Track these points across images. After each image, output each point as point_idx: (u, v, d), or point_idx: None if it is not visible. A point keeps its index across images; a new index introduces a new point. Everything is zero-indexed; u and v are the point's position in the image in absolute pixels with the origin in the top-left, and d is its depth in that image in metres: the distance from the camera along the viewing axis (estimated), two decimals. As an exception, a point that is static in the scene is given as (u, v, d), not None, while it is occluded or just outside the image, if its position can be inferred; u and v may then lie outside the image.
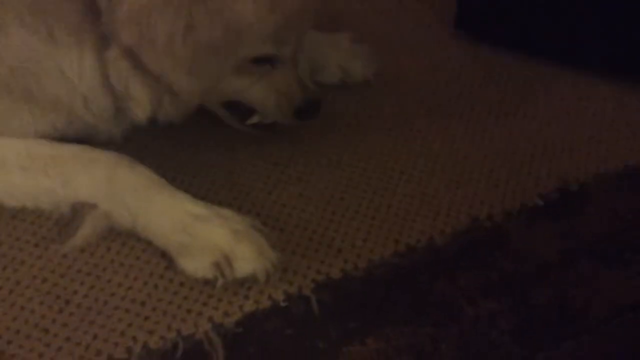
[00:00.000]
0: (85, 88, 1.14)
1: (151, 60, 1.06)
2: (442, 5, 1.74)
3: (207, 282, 1.07)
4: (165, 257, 1.10)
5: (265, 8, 1.06)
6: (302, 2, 1.12)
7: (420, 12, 1.76)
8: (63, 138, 1.19)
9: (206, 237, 1.07)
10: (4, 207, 1.16)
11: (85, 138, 1.21)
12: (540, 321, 1.08)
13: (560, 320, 1.08)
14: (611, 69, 1.55)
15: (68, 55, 1.10)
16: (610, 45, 1.50)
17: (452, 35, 1.67)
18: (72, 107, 1.16)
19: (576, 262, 1.17)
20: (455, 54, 1.63)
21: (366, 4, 1.77)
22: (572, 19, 1.51)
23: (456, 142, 1.39)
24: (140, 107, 1.15)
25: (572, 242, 1.21)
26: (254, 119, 1.30)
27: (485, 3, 1.60)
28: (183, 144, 1.33)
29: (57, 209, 1.14)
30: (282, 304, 1.07)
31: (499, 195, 1.28)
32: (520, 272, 1.15)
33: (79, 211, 1.12)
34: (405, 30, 1.70)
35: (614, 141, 1.41)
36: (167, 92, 1.14)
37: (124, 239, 1.13)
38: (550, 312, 1.10)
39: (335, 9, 1.71)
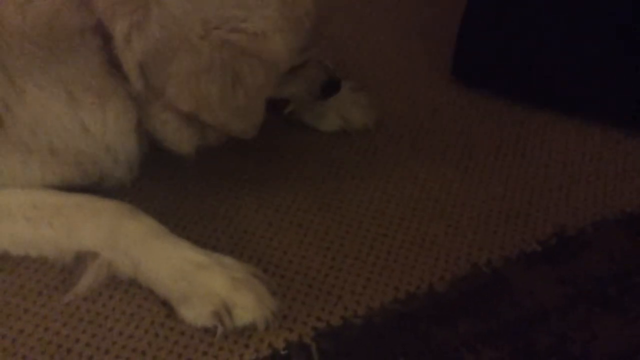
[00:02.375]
0: (110, 137, 1.17)
1: (210, 118, 1.13)
2: (439, 52, 1.78)
3: (207, 331, 1.08)
4: (166, 305, 1.11)
5: (292, 36, 1.12)
6: (316, 16, 1.18)
7: (418, 60, 1.80)
8: (68, 187, 1.21)
9: (206, 285, 1.08)
10: (8, 256, 1.18)
11: (93, 186, 1.23)
12: (540, 368, 1.08)
13: (560, 366, 1.08)
14: (605, 116, 1.57)
15: (90, 111, 1.13)
16: (605, 93, 1.53)
17: (449, 81, 1.70)
18: (95, 157, 1.18)
19: (575, 307, 1.18)
20: (452, 100, 1.66)
21: (364, 53, 1.82)
22: (566, 67, 1.55)
23: (454, 188, 1.41)
24: (187, 146, 1.21)
25: (571, 287, 1.21)
26: (290, 107, 1.40)
27: (481, 51, 1.64)
28: (186, 191, 1.35)
29: (60, 258, 1.16)
30: (283, 352, 1.07)
31: (497, 241, 1.29)
32: (519, 318, 1.16)
33: (82, 260, 1.14)
34: (403, 78, 1.73)
35: (610, 187, 1.43)
36: (212, 130, 1.20)
37: (126, 287, 1.14)
38: (551, 358, 1.10)
39: (334, 58, 1.76)
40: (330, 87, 1.39)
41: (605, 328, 1.14)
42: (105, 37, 1.08)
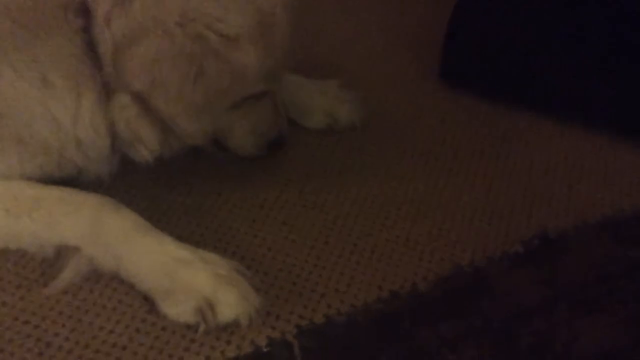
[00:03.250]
0: (81, 131, 1.15)
1: (162, 104, 1.10)
2: (426, 54, 1.78)
3: (189, 327, 1.07)
4: (148, 301, 1.10)
5: (264, 53, 1.12)
6: (290, 43, 1.18)
7: (405, 61, 1.80)
8: (48, 179, 1.20)
9: (189, 281, 1.07)
10: (-13, 248, 1.16)
11: (72, 179, 1.22)
12: (521, 368, 1.09)
13: (541, 366, 1.09)
14: (589, 121, 1.59)
15: (62, 100, 1.12)
16: (589, 98, 1.55)
17: (436, 84, 1.71)
18: (63, 151, 1.16)
19: (556, 308, 1.19)
20: (439, 103, 1.67)
21: (353, 53, 1.82)
22: (551, 71, 1.56)
23: (439, 188, 1.42)
24: (149, 149, 1.19)
25: (552, 289, 1.22)
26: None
27: (468, 54, 1.65)
28: (169, 186, 1.34)
29: (40, 251, 1.14)
30: (265, 349, 1.06)
31: (480, 242, 1.30)
32: (501, 317, 1.17)
33: (62, 254, 1.12)
34: (390, 78, 1.74)
35: (592, 191, 1.44)
36: (171, 132, 1.17)
37: (106, 281, 1.13)
38: (532, 357, 1.11)
39: (322, 58, 1.76)
40: (276, 142, 1.33)
41: (586, 329, 1.15)
42: (87, 17, 1.07)
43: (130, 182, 1.32)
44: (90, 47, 1.09)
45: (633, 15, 1.47)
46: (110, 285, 1.12)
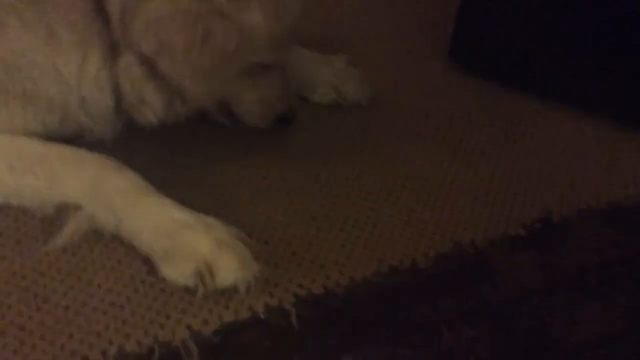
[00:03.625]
0: (85, 89, 1.14)
1: (168, 67, 1.09)
2: (437, 35, 1.77)
3: (188, 290, 1.06)
4: (148, 262, 1.10)
5: (273, 18, 1.11)
6: (300, 11, 1.17)
7: (415, 41, 1.79)
8: (52, 136, 1.19)
9: (190, 244, 1.07)
10: (-13, 204, 1.15)
11: (75, 138, 1.21)
12: (518, 348, 1.08)
13: (538, 348, 1.09)
14: (598, 108, 1.58)
15: (68, 55, 1.11)
16: (599, 85, 1.54)
17: (445, 64, 1.70)
18: (67, 108, 1.16)
19: (556, 292, 1.18)
20: (447, 84, 1.66)
21: (362, 30, 1.80)
22: (563, 56, 1.55)
23: (443, 168, 1.41)
24: (153, 111, 1.18)
25: (552, 272, 1.22)
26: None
27: (479, 36, 1.63)
28: (173, 152, 1.34)
29: (41, 208, 1.14)
30: (262, 316, 1.06)
31: (482, 222, 1.29)
32: (500, 299, 1.16)
33: (63, 211, 1.12)
34: (399, 58, 1.73)
35: (597, 177, 1.43)
36: (178, 95, 1.16)
37: (107, 241, 1.12)
38: (529, 339, 1.10)
39: (331, 35, 1.75)
40: (284, 118, 1.34)
41: (585, 314, 1.15)
42: None
43: (133, 146, 1.30)
44: (100, 4, 1.08)
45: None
46: (110, 245, 1.12)
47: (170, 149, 1.34)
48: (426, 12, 1.90)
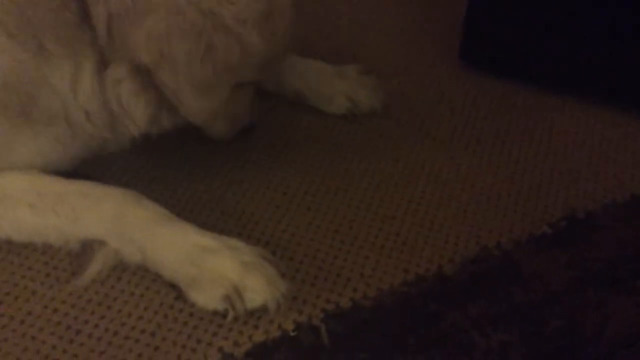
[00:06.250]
0: (83, 100, 1.13)
1: (168, 79, 1.08)
2: (447, 36, 1.76)
3: (217, 313, 1.07)
4: (175, 287, 1.11)
5: (267, 41, 1.10)
6: (290, 37, 1.17)
7: (425, 44, 1.78)
8: (76, 158, 1.20)
9: (215, 269, 1.07)
10: (12, 243, 1.17)
11: (96, 152, 1.22)
12: (552, 350, 1.08)
13: (572, 348, 1.08)
14: (616, 99, 1.56)
15: (59, 67, 1.09)
16: (616, 76, 1.52)
17: (457, 66, 1.69)
18: (69, 119, 1.15)
19: (585, 290, 1.17)
20: (460, 85, 1.65)
21: (370, 38, 1.80)
22: (575, 50, 1.53)
23: (462, 171, 1.40)
24: (137, 125, 1.16)
25: (580, 270, 1.21)
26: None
27: (489, 35, 1.62)
28: (191, 176, 1.34)
29: (66, 245, 1.15)
30: (292, 334, 1.07)
31: (506, 224, 1.29)
32: (529, 301, 1.15)
33: (88, 247, 1.13)
34: (410, 62, 1.72)
35: (620, 170, 1.42)
36: (166, 109, 1.15)
37: (134, 269, 1.13)
38: (562, 340, 1.09)
39: (340, 43, 1.75)
40: (245, 131, 1.35)
41: (616, 310, 1.14)
42: None
43: (152, 174, 1.32)
44: (86, 17, 1.07)
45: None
46: (137, 273, 1.13)
47: (188, 173, 1.35)
48: (435, 15, 1.88)
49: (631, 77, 1.51)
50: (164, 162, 1.35)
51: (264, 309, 1.07)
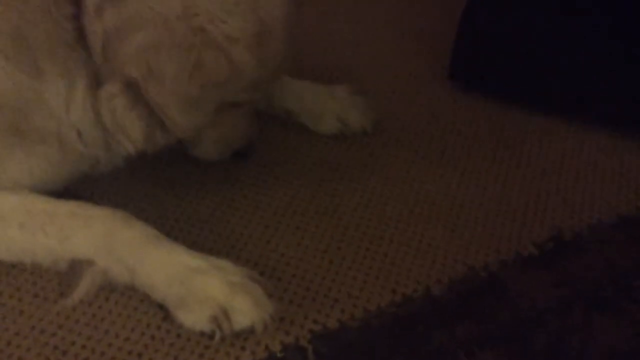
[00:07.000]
0: (77, 119, 1.14)
1: (155, 94, 1.08)
2: (437, 55, 1.78)
3: (204, 334, 1.07)
4: (163, 308, 1.11)
5: (258, 63, 1.10)
6: (281, 61, 1.17)
7: (415, 63, 1.80)
8: (64, 178, 1.20)
9: (203, 290, 1.08)
10: (1, 262, 1.17)
11: (88, 172, 1.22)
12: (536, 371, 1.08)
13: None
14: (603, 119, 1.58)
15: (54, 86, 1.10)
16: (603, 96, 1.54)
17: (447, 86, 1.70)
18: (62, 138, 1.15)
19: (571, 310, 1.18)
20: (450, 104, 1.66)
21: (362, 56, 1.82)
22: (564, 70, 1.55)
23: (451, 191, 1.41)
24: (133, 142, 1.15)
25: (567, 290, 1.22)
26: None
27: (478, 54, 1.64)
28: (181, 194, 1.35)
29: (54, 265, 1.15)
30: (279, 355, 1.07)
31: (494, 244, 1.30)
32: (516, 320, 1.16)
33: (77, 267, 1.13)
34: (400, 81, 1.74)
35: (607, 191, 1.43)
36: (160, 126, 1.15)
37: (122, 290, 1.13)
38: (548, 359, 1.10)
39: (331, 62, 1.76)
40: (241, 153, 1.35)
41: (602, 330, 1.15)
42: (77, 5, 1.07)
43: (141, 193, 1.33)
44: (82, 35, 1.08)
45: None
46: (125, 293, 1.13)
47: (177, 192, 1.35)
48: (425, 34, 1.91)
49: (619, 100, 1.53)
50: (153, 181, 1.36)
51: (251, 330, 1.07)
